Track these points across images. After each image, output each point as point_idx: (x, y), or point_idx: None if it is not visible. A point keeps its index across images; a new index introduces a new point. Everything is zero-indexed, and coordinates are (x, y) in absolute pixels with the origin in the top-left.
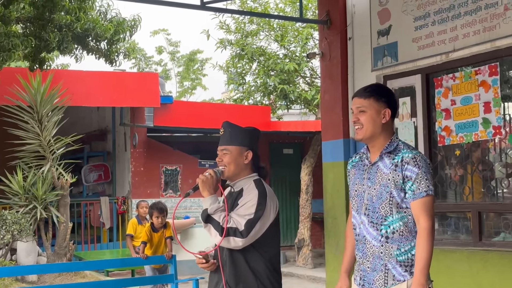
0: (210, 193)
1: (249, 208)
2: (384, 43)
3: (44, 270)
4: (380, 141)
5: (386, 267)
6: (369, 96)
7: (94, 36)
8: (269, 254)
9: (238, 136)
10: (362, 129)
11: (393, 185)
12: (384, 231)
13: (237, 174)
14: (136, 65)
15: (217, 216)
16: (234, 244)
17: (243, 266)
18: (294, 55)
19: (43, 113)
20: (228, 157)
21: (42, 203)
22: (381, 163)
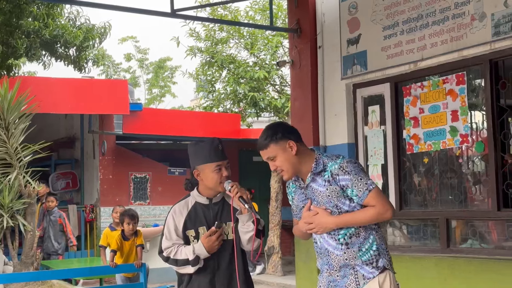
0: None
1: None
2: (354, 52)
3: (10, 280)
4: (305, 166)
5: (355, 269)
6: (267, 144)
7: (63, 43)
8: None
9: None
10: (284, 172)
11: (335, 198)
12: (342, 239)
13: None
14: (105, 72)
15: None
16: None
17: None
18: (264, 63)
19: (10, 120)
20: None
21: (8, 211)
22: (314, 183)
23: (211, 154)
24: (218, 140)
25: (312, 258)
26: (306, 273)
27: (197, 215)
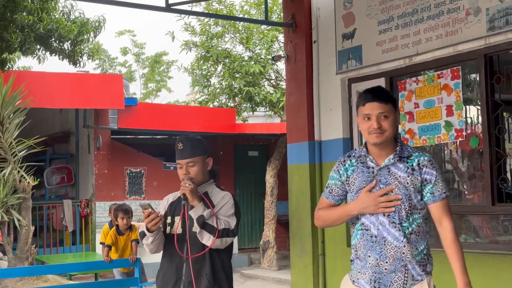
0: (198, 202)
1: (230, 209)
2: (349, 47)
3: (5, 274)
4: (390, 145)
5: (406, 267)
6: (389, 100)
7: (57, 37)
8: (231, 255)
9: (198, 146)
10: (384, 134)
11: (413, 188)
12: (406, 231)
13: (203, 181)
14: (100, 66)
15: (210, 220)
16: (224, 244)
17: (217, 264)
18: (259, 58)
19: (4, 115)
20: (196, 168)
21: (3, 206)
22: (393, 166)
23: (176, 154)
24: (181, 140)
25: (306, 253)
26: (301, 268)
27: (177, 206)
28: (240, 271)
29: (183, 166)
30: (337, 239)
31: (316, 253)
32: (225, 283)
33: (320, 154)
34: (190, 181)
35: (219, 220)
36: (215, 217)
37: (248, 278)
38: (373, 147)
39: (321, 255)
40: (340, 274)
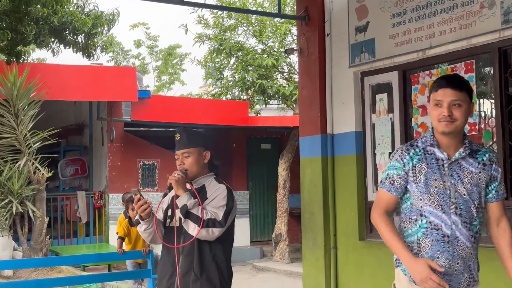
0: (184, 191)
1: (221, 200)
2: (362, 40)
3: (20, 265)
4: (459, 136)
5: (470, 268)
6: (463, 88)
7: (72, 30)
8: (228, 248)
9: (196, 138)
10: (454, 123)
11: (483, 184)
12: (474, 230)
13: (198, 173)
14: (114, 59)
15: (195, 210)
16: (211, 235)
17: (208, 257)
18: (272, 50)
19: (19, 107)
20: (190, 159)
21: (18, 197)
22: (464, 161)
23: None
24: (178, 131)
25: (318, 246)
26: (312, 261)
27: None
28: (252, 264)
29: (179, 157)
30: (349, 232)
31: (328, 246)
32: (215, 274)
33: (333, 147)
34: (181, 172)
35: (205, 211)
36: (200, 207)
37: (260, 271)
38: (441, 136)
39: (333, 248)
40: (351, 268)
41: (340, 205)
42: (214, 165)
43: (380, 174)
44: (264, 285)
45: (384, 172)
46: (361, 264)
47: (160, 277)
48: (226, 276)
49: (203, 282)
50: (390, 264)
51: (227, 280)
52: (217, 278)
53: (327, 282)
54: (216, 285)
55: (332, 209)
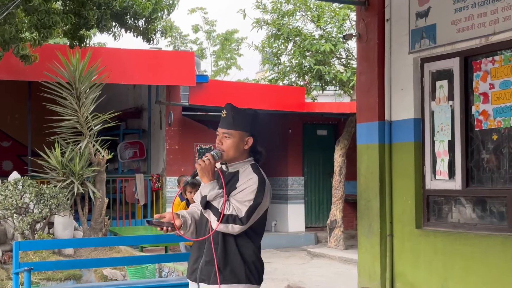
0: (209, 179)
1: (249, 194)
2: (423, 25)
3: (80, 244)
4: None
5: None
6: None
7: (133, 14)
8: (257, 242)
9: (241, 120)
10: None
11: None
12: None
13: (236, 158)
14: (172, 44)
15: (216, 202)
16: (231, 230)
17: (233, 250)
18: (330, 36)
19: (81, 90)
20: (230, 141)
21: (79, 178)
22: None
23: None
24: (226, 107)
25: (374, 233)
26: (368, 247)
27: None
28: (306, 249)
29: (219, 135)
30: (406, 220)
31: (384, 234)
32: (240, 268)
33: (390, 134)
34: (214, 154)
35: (228, 203)
36: (223, 200)
37: (314, 256)
38: None
39: (389, 236)
40: (407, 256)
41: (396, 193)
42: (257, 151)
43: (439, 162)
44: (318, 270)
45: None
46: (417, 252)
47: (189, 261)
48: (254, 272)
49: (226, 275)
50: (447, 253)
51: (255, 275)
52: (242, 272)
53: (382, 269)
54: (241, 279)
55: (388, 197)
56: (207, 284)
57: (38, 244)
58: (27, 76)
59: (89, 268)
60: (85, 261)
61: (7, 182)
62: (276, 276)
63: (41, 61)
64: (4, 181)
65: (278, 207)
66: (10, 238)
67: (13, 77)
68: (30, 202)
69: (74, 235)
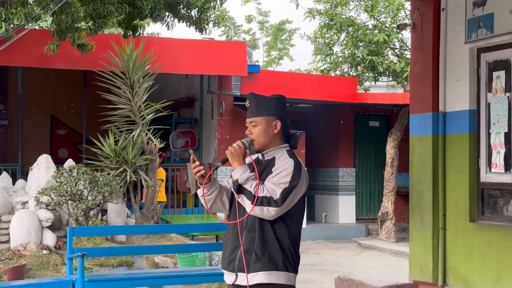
0: (240, 163)
1: (284, 177)
2: (480, 14)
3: (133, 231)
4: None
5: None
6: None
7: (186, 4)
8: (294, 229)
9: (265, 106)
10: None
11: None
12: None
13: (268, 144)
14: (225, 33)
15: (248, 185)
16: (267, 214)
17: (271, 236)
18: (384, 26)
19: (134, 79)
20: (258, 129)
21: (131, 166)
22: None
23: None
24: (248, 97)
25: (426, 226)
26: (420, 240)
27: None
28: (357, 241)
29: (248, 125)
30: (459, 213)
31: (436, 227)
32: (278, 255)
33: (444, 125)
34: (244, 142)
35: (262, 187)
36: (256, 182)
37: (365, 249)
38: None
39: (441, 229)
40: (461, 249)
41: (450, 185)
42: (290, 135)
43: (494, 154)
44: (368, 263)
45: None
46: (471, 246)
47: (224, 251)
48: (290, 259)
49: (265, 262)
50: (501, 248)
51: (292, 263)
52: (280, 259)
53: (434, 263)
54: (279, 266)
55: (441, 189)
56: (247, 273)
57: (90, 230)
58: (83, 66)
59: (140, 255)
60: (137, 248)
61: (62, 169)
62: (327, 268)
63: (96, 50)
64: (59, 168)
65: (329, 198)
66: (64, 224)
67: (70, 66)
68: (84, 189)
69: (127, 222)
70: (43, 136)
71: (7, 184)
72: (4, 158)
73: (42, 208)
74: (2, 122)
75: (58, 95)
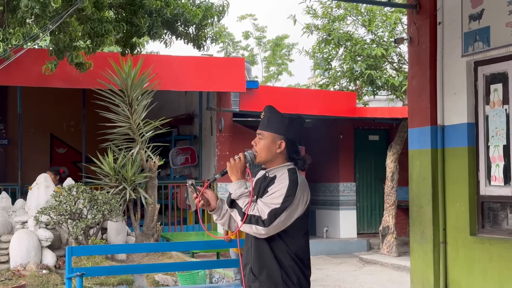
0: (237, 178)
1: (276, 198)
2: (476, 28)
3: (133, 250)
4: None
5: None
6: None
7: (183, 21)
8: (295, 246)
9: (276, 122)
10: None
11: None
12: None
13: (270, 161)
14: (224, 49)
15: (241, 201)
16: (256, 231)
17: (268, 255)
18: (382, 40)
19: (133, 97)
20: (262, 143)
21: (131, 184)
22: None
23: None
24: (264, 109)
25: (427, 240)
26: (421, 255)
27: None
28: (359, 256)
29: (256, 136)
30: (460, 227)
31: (437, 241)
32: (277, 273)
33: (443, 139)
34: (246, 155)
35: (254, 205)
36: (248, 200)
37: (366, 263)
38: None
39: (442, 243)
40: (462, 263)
41: (450, 199)
42: (297, 158)
43: (494, 167)
44: (370, 277)
45: None
46: (472, 259)
47: (242, 266)
48: (292, 276)
49: (262, 280)
50: (502, 261)
51: (295, 281)
52: (279, 276)
53: (435, 277)
54: (278, 283)
55: (441, 203)
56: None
57: (89, 249)
58: (81, 84)
59: (140, 273)
60: (136, 267)
61: (61, 188)
62: (328, 283)
63: (95, 69)
64: (59, 187)
65: (330, 213)
66: (64, 243)
67: (68, 85)
68: (84, 207)
69: (127, 240)
70: (43, 155)
71: (7, 204)
72: (4, 178)
73: (41, 228)
74: (2, 142)
75: (58, 114)
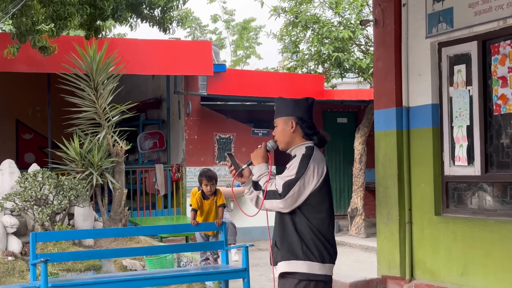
0: (258, 162)
1: (290, 171)
2: (439, 9)
3: (100, 235)
4: None
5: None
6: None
7: (148, 4)
8: (316, 220)
9: (283, 108)
10: None
11: None
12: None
13: (289, 143)
14: (191, 34)
15: (261, 181)
16: (276, 206)
17: (290, 228)
18: (349, 23)
19: (98, 81)
20: (277, 129)
21: (98, 169)
22: None
23: None
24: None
25: (393, 221)
26: (387, 235)
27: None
28: None
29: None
30: (425, 207)
31: (403, 221)
32: (297, 245)
33: (408, 120)
34: (268, 144)
35: (272, 181)
36: (267, 178)
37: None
38: None
39: (407, 223)
40: (427, 243)
41: (415, 180)
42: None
43: (458, 148)
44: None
45: None
46: (437, 239)
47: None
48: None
49: (284, 252)
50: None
51: (315, 252)
52: (299, 248)
53: (401, 257)
54: (299, 255)
55: (407, 184)
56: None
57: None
58: (46, 68)
59: (108, 258)
60: (103, 252)
61: (26, 174)
62: None
63: (59, 53)
64: (24, 173)
65: None
66: (30, 230)
67: (32, 70)
68: (50, 193)
69: (94, 225)
70: (9, 141)
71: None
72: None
73: (6, 214)
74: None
75: (23, 99)
